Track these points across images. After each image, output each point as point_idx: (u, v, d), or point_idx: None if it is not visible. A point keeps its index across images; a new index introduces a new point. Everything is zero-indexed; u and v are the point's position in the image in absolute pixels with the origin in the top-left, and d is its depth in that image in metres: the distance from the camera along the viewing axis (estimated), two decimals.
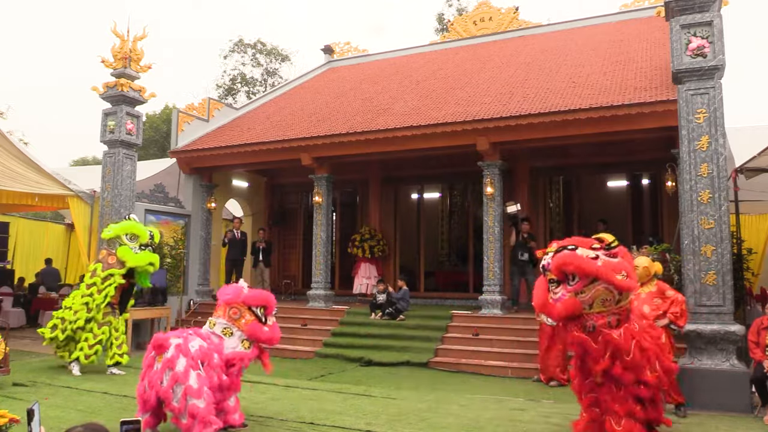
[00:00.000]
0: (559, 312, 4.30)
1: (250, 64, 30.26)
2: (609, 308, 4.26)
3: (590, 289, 4.20)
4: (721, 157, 6.74)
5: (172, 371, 4.63)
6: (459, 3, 27.14)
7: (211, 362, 4.90)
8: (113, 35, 10.69)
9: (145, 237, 7.98)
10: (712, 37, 6.84)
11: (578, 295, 4.23)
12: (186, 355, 4.72)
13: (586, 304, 4.24)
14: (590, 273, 4.17)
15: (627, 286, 4.20)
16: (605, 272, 4.16)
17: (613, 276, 4.16)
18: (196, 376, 4.68)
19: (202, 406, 4.58)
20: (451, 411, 6.07)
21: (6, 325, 8.47)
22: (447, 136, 10.17)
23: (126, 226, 8.03)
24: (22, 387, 6.93)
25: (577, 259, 4.23)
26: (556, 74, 11.25)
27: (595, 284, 4.20)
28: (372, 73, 15.58)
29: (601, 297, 4.22)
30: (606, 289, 4.20)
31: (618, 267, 4.24)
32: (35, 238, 15.62)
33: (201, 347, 4.87)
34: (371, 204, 13.71)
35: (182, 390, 4.58)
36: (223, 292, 5.36)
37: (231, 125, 13.86)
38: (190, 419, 4.54)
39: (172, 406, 4.60)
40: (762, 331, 6.22)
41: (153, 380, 4.70)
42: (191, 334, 5.00)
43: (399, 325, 10.28)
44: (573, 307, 4.23)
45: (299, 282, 14.38)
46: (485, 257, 10.15)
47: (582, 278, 4.21)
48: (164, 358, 4.71)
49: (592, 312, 4.27)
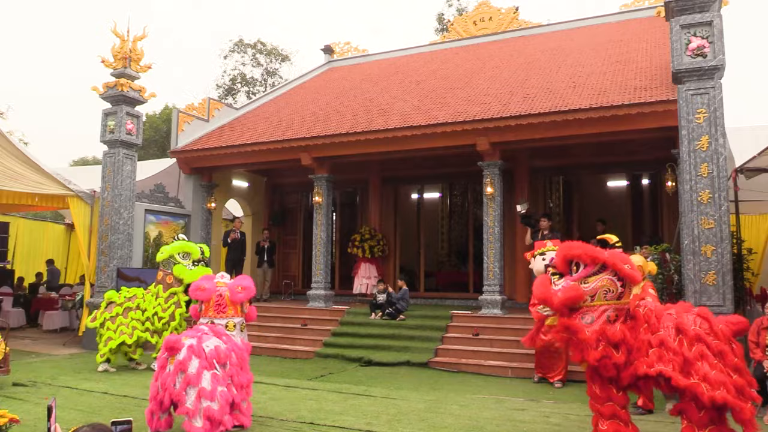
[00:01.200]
0: (560, 299, 4.17)
1: (250, 64, 30.27)
2: (611, 302, 4.19)
3: (595, 279, 4.15)
4: (721, 157, 6.75)
5: (185, 373, 4.63)
6: (459, 3, 27.17)
7: (231, 361, 4.93)
8: (113, 35, 10.71)
9: (197, 253, 8.24)
10: (712, 37, 6.85)
11: (582, 285, 4.16)
12: (199, 356, 4.71)
13: (587, 295, 4.16)
14: (598, 259, 4.13)
15: (632, 276, 4.14)
16: (612, 259, 4.12)
17: (620, 264, 4.11)
18: (211, 376, 4.67)
19: (216, 408, 4.58)
20: (451, 411, 6.07)
21: (6, 325, 8.47)
22: (447, 136, 10.17)
23: (178, 246, 8.28)
24: (22, 387, 6.94)
25: (585, 246, 4.21)
26: (556, 74, 11.25)
27: (601, 274, 4.15)
28: (372, 73, 15.58)
29: (604, 288, 4.15)
30: (610, 281, 4.14)
31: (625, 258, 4.21)
32: (35, 238, 15.63)
33: (217, 347, 4.86)
34: (371, 204, 13.70)
35: (195, 392, 4.57)
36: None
37: (231, 125, 13.86)
38: (206, 422, 4.52)
39: (185, 408, 4.59)
40: (762, 331, 6.23)
41: (166, 382, 4.70)
42: (206, 333, 4.99)
43: (399, 325, 10.28)
44: (575, 294, 4.13)
45: (299, 282, 14.39)
46: (485, 257, 10.15)
47: (589, 265, 4.16)
48: (176, 360, 4.70)
49: (593, 305, 4.19)
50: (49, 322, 12.64)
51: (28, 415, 5.51)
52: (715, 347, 4.06)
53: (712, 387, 3.92)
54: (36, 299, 13.33)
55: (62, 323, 12.75)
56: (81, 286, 12.80)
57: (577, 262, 4.26)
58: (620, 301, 4.22)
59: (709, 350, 4.04)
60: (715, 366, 3.99)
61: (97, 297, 10.76)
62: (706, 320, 4.21)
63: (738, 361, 4.07)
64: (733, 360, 4.06)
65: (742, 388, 3.99)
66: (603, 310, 4.16)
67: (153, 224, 11.94)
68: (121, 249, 10.81)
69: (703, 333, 4.10)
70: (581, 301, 4.17)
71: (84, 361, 9.17)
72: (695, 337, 4.09)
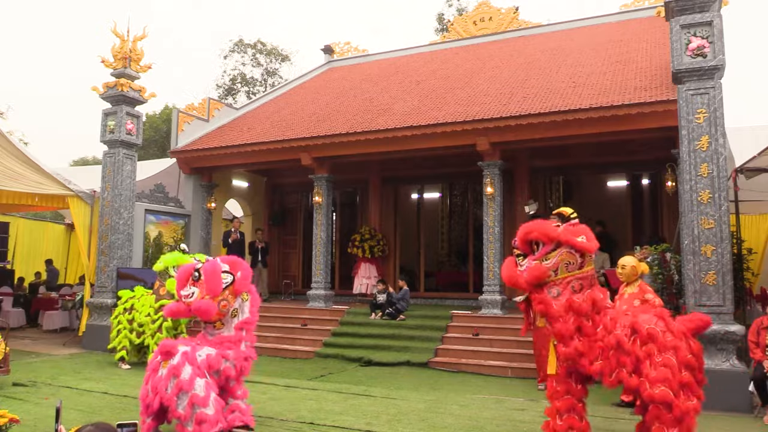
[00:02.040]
0: (526, 279, 4.48)
1: (250, 64, 30.28)
2: (573, 273, 4.43)
3: (554, 255, 4.41)
4: (721, 157, 6.74)
5: (177, 378, 4.62)
6: (459, 3, 27.17)
7: (222, 370, 4.95)
8: (113, 35, 10.71)
9: None
10: (712, 37, 6.85)
11: (543, 262, 4.43)
12: (192, 363, 4.70)
13: (551, 270, 4.41)
14: (553, 237, 4.42)
15: (586, 247, 4.41)
16: (566, 236, 4.41)
17: (573, 238, 4.39)
18: (204, 384, 4.67)
19: (211, 413, 4.58)
20: (451, 411, 6.07)
21: (6, 325, 8.47)
22: (447, 136, 10.17)
23: (172, 259, 8.15)
24: (22, 387, 6.93)
25: (540, 226, 4.51)
26: (556, 74, 11.25)
27: (559, 249, 4.41)
28: (372, 73, 15.58)
29: (564, 261, 4.42)
30: (569, 254, 4.41)
31: (577, 232, 4.48)
32: (35, 238, 15.62)
33: (209, 356, 4.87)
34: (371, 204, 13.70)
35: (188, 398, 4.57)
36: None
37: (231, 125, 13.86)
38: (197, 427, 4.53)
39: (177, 413, 4.58)
40: (762, 331, 6.23)
41: (157, 386, 4.68)
42: (199, 344, 5.00)
43: (399, 325, 10.28)
44: (539, 271, 4.41)
45: (299, 282, 14.38)
46: (485, 257, 10.15)
47: (547, 243, 4.43)
48: (170, 364, 4.68)
49: (557, 278, 4.43)
50: (49, 322, 12.64)
51: (28, 415, 5.51)
52: (669, 344, 4.24)
53: (651, 385, 4.13)
54: (36, 299, 13.33)
55: (62, 323, 12.75)
56: (81, 286, 12.80)
57: (536, 242, 4.53)
58: (582, 271, 4.46)
59: (660, 348, 4.22)
60: (659, 364, 4.16)
61: (97, 297, 10.77)
62: (662, 319, 4.41)
63: (691, 358, 4.25)
64: (685, 357, 4.23)
65: (688, 385, 4.17)
66: (567, 282, 4.43)
67: (153, 224, 11.94)
68: (121, 249, 10.81)
69: (656, 331, 4.28)
70: (546, 277, 4.43)
71: (84, 361, 9.17)
72: (647, 336, 4.28)
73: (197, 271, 5.04)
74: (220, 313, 5.01)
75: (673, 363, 4.17)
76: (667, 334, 4.28)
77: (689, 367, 4.23)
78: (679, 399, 4.10)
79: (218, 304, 4.97)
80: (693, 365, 4.26)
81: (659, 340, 4.25)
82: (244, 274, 5.18)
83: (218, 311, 4.98)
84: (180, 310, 5.04)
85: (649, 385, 4.14)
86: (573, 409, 4.53)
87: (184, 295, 5.01)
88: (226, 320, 5.15)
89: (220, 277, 5.01)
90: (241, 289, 5.16)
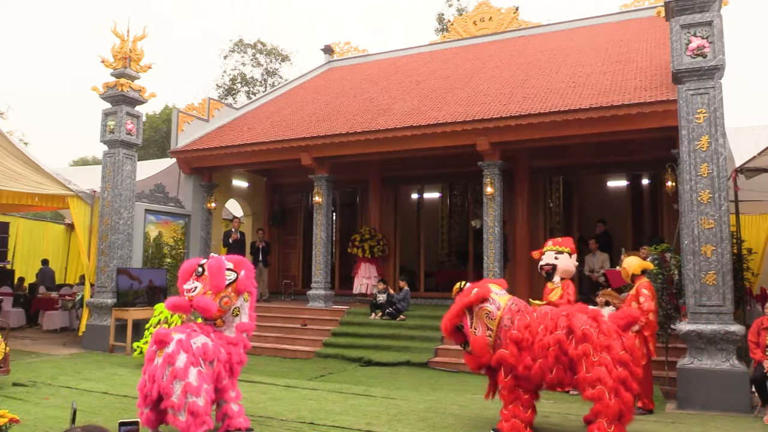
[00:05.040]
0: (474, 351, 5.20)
1: (250, 64, 30.27)
2: (494, 320, 5.06)
3: (476, 318, 5.14)
4: (721, 157, 6.74)
5: (172, 366, 4.62)
6: (459, 3, 27.15)
7: (219, 358, 4.93)
8: (113, 35, 10.70)
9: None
10: (712, 37, 6.84)
11: (473, 331, 5.18)
12: (187, 351, 4.69)
13: (486, 327, 5.11)
14: (464, 306, 5.19)
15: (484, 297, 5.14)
16: (461, 301, 5.24)
17: (469, 300, 5.18)
18: (197, 373, 4.67)
19: (201, 404, 4.58)
20: (451, 411, 6.08)
21: (6, 325, 8.48)
22: (447, 136, 10.16)
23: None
24: (22, 387, 6.93)
25: (460, 302, 5.27)
26: (556, 74, 11.25)
27: (475, 310, 5.19)
28: (372, 73, 15.58)
29: (485, 315, 5.08)
30: (483, 309, 5.11)
31: (467, 293, 5.28)
32: (35, 238, 15.62)
33: (205, 344, 4.86)
34: (371, 204, 13.70)
35: (182, 387, 4.57)
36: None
37: (231, 125, 13.86)
38: (190, 417, 4.53)
39: (171, 402, 4.58)
40: (762, 331, 6.23)
41: (154, 374, 4.68)
42: (195, 330, 4.98)
43: (399, 325, 10.28)
44: (476, 342, 5.09)
45: (299, 282, 14.38)
46: (485, 257, 10.14)
47: (464, 319, 5.25)
48: (165, 352, 4.68)
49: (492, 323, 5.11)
50: (49, 322, 12.64)
51: (28, 415, 5.51)
52: (602, 343, 4.56)
53: (588, 385, 4.52)
54: (36, 299, 13.32)
55: (62, 323, 12.75)
56: (81, 286, 12.80)
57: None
58: (500, 316, 5.04)
59: (594, 347, 4.57)
60: (594, 363, 4.51)
61: (97, 297, 10.77)
62: (595, 320, 4.74)
63: (624, 354, 4.57)
64: (618, 354, 4.55)
65: (624, 380, 4.48)
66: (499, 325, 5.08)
67: (153, 224, 11.94)
68: (121, 249, 10.81)
69: (590, 332, 4.63)
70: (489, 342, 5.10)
71: (84, 361, 9.17)
72: (582, 336, 4.63)
73: (201, 266, 5.06)
74: (221, 310, 5.02)
75: (608, 361, 4.48)
76: (600, 335, 4.59)
77: (623, 363, 4.53)
78: (619, 395, 4.43)
79: (220, 300, 4.98)
80: (626, 360, 4.54)
81: (593, 340, 4.56)
82: (247, 273, 5.21)
83: (219, 309, 4.99)
84: (181, 304, 5.05)
85: (587, 386, 4.51)
86: (516, 416, 4.93)
87: (187, 289, 5.03)
88: (227, 318, 5.16)
89: (224, 273, 5.04)
90: (244, 288, 5.18)
